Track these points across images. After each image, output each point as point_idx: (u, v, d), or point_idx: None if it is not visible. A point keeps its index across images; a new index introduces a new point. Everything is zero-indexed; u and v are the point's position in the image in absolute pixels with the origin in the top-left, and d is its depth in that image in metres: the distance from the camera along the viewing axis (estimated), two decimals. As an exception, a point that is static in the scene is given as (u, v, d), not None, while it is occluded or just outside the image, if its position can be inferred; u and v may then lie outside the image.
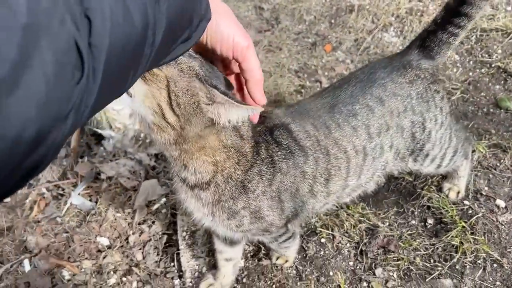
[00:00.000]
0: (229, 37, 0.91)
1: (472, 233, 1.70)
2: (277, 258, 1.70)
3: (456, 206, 1.81)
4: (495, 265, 1.64)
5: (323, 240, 1.78)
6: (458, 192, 1.83)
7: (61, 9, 0.49)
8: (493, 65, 2.45)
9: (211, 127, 1.07)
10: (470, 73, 2.45)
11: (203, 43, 0.93)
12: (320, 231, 1.78)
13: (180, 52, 0.79)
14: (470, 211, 1.79)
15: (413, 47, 1.55)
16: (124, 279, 1.78)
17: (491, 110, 2.22)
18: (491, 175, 1.92)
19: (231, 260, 1.60)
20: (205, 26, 0.82)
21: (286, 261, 1.69)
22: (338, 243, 1.76)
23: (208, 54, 1.00)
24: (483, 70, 2.45)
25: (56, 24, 0.48)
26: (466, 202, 1.83)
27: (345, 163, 1.41)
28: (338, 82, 1.52)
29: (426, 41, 1.53)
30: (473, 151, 1.98)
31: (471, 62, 2.52)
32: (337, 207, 1.81)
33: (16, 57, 0.44)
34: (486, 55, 2.53)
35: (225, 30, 0.90)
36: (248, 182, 1.23)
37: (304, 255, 1.74)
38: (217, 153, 1.14)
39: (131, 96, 1.02)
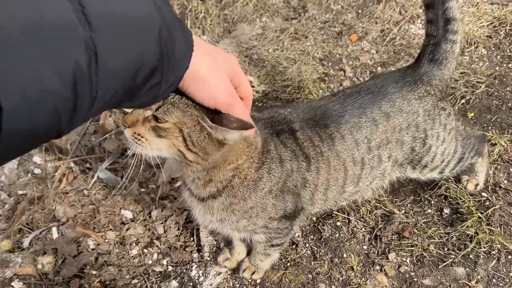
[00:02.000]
0: (211, 99, 0.91)
1: (488, 224, 1.71)
2: (244, 271, 1.67)
3: (474, 197, 1.82)
4: (509, 256, 1.65)
5: (338, 223, 1.82)
6: (477, 184, 1.84)
7: None
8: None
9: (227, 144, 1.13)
10: (497, 68, 2.43)
11: (183, 89, 0.90)
12: (336, 214, 1.82)
13: (151, 97, 0.77)
14: (487, 203, 1.80)
15: (424, 61, 1.57)
16: (145, 250, 1.86)
17: (516, 105, 2.21)
18: (511, 169, 1.92)
19: (244, 241, 1.66)
20: (176, 84, 0.79)
21: (254, 272, 1.66)
22: (353, 227, 1.80)
23: None
24: (510, 65, 2.42)
25: None
26: (484, 194, 1.83)
27: (343, 174, 1.45)
28: (350, 90, 1.54)
29: (435, 54, 1.55)
30: (494, 144, 1.98)
31: (498, 57, 2.50)
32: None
33: None
34: (514, 50, 2.50)
35: (206, 94, 0.89)
36: (259, 179, 1.29)
37: (319, 236, 1.78)
38: (240, 155, 1.22)
39: (160, 150, 1.12)
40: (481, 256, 1.65)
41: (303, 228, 1.82)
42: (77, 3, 0.56)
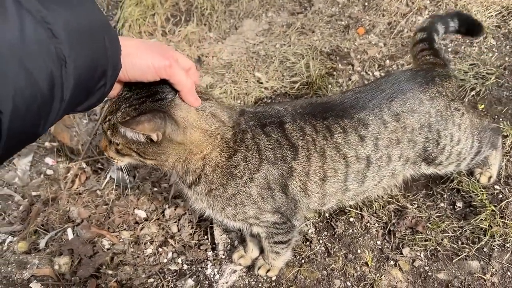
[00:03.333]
0: (149, 67, 1.02)
1: (501, 217, 1.71)
2: (259, 268, 1.68)
3: (486, 190, 1.82)
4: (523, 249, 1.65)
5: (351, 219, 1.82)
6: (490, 177, 1.84)
7: None
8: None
9: (174, 137, 1.21)
10: (507, 58, 2.41)
11: (129, 82, 1.10)
12: (349, 210, 1.83)
13: (98, 96, 0.90)
14: (501, 196, 1.80)
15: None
16: (160, 249, 1.88)
17: (527, 95, 2.19)
18: (523, 161, 1.91)
19: (256, 238, 1.66)
20: (117, 74, 0.92)
21: (268, 270, 1.67)
22: (366, 223, 1.80)
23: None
24: (520, 55, 2.41)
25: None
26: (496, 186, 1.83)
27: (343, 167, 1.44)
28: (359, 88, 1.54)
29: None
30: (506, 136, 1.97)
31: (507, 47, 2.48)
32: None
33: None
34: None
35: (143, 63, 1.01)
36: (234, 167, 1.32)
37: (333, 233, 1.79)
38: (204, 146, 1.27)
39: (130, 163, 1.33)
40: (495, 249, 1.66)
41: (316, 225, 1.83)
42: (43, 21, 0.68)
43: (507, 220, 1.70)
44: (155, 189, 2.09)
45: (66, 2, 0.75)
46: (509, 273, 1.60)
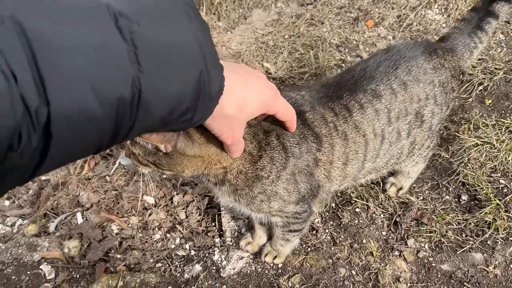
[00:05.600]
0: (259, 108, 0.90)
1: (506, 211, 1.74)
2: (266, 255, 1.71)
3: (492, 184, 1.84)
4: (527, 242, 1.68)
5: (357, 210, 1.85)
6: (400, 189, 1.87)
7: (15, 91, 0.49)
8: None
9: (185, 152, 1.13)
10: (515, 54, 2.42)
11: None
12: (355, 201, 1.85)
13: (181, 127, 0.77)
14: (506, 190, 1.82)
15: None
16: (168, 235, 1.91)
17: (534, 91, 2.21)
18: (529, 156, 1.93)
19: (264, 225, 1.69)
20: (211, 111, 0.77)
21: (275, 257, 1.69)
22: (372, 214, 1.83)
23: None
24: (528, 51, 2.42)
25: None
26: (502, 181, 1.86)
27: (363, 146, 1.42)
28: (366, 62, 1.51)
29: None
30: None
31: (516, 43, 2.49)
32: (372, 182, 1.87)
33: None
34: (533, 36, 2.49)
35: (254, 102, 0.87)
36: (260, 170, 1.27)
37: (339, 222, 1.82)
38: (222, 160, 1.20)
39: (152, 171, 1.28)
40: (499, 242, 1.68)
41: (323, 214, 1.86)
42: (131, 43, 0.59)
43: (511, 214, 1.73)
44: (164, 176, 2.11)
45: (157, 17, 0.63)
46: (511, 266, 1.63)
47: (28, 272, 1.78)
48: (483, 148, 1.95)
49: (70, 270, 1.82)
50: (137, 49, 0.59)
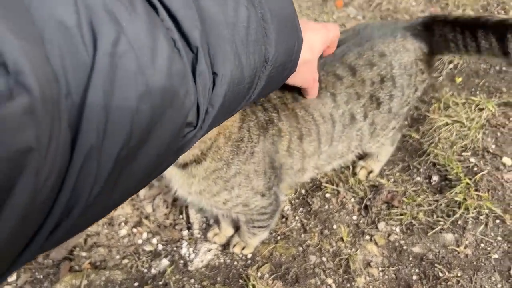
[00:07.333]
0: (322, 46, 1.02)
1: (476, 190, 1.71)
2: (234, 246, 1.66)
3: (462, 163, 1.81)
4: (497, 221, 1.66)
5: (327, 195, 1.81)
6: (371, 172, 1.84)
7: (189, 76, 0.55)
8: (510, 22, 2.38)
9: None
10: (485, 30, 2.38)
11: None
12: (325, 186, 1.81)
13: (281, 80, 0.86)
14: (476, 169, 1.80)
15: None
16: (134, 230, 1.84)
17: (504, 68, 2.18)
18: (499, 133, 1.91)
19: (227, 217, 1.63)
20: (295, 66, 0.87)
21: (244, 248, 1.65)
22: (342, 198, 1.79)
23: None
24: (498, 27, 2.38)
25: (182, 92, 0.54)
26: (472, 159, 1.83)
27: (314, 127, 1.35)
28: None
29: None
30: (482, 109, 1.96)
31: (486, 19, 2.45)
32: (342, 167, 1.83)
33: (147, 125, 0.50)
34: (503, 12, 2.46)
35: (317, 42, 1.00)
36: (240, 140, 1.21)
37: (309, 209, 1.78)
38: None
39: None
40: (470, 222, 1.66)
41: (292, 201, 1.81)
42: (261, 18, 0.67)
43: (481, 193, 1.70)
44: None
45: None
46: (482, 245, 1.61)
47: (-13, 276, 1.70)
48: (453, 127, 1.92)
49: (33, 270, 1.75)
50: (266, 23, 0.68)
